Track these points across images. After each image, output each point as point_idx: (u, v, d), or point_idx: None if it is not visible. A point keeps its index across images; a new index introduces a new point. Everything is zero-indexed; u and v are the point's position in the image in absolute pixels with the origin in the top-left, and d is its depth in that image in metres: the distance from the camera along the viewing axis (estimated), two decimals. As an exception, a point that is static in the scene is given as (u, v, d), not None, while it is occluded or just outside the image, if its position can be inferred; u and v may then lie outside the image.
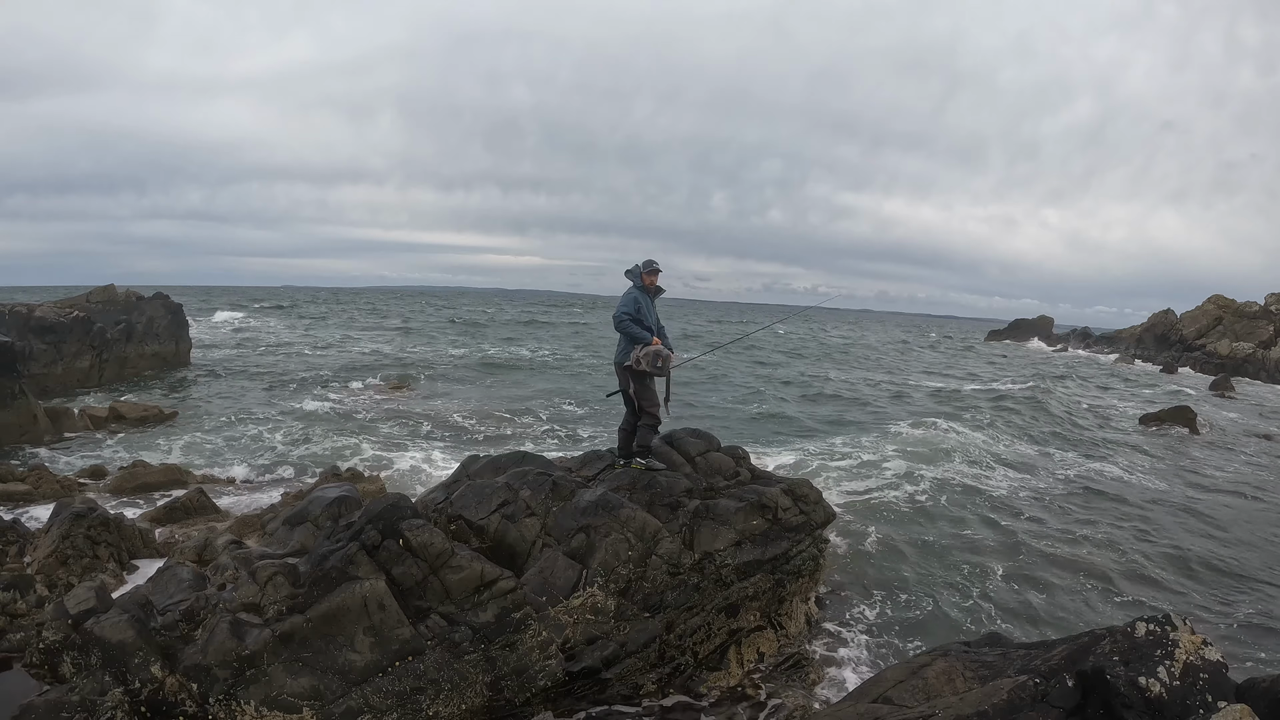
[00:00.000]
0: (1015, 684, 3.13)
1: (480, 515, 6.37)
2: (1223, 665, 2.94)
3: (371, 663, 4.58)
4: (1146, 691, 2.79)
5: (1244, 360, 41.45)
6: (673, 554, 5.99)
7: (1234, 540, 10.79)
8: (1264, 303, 47.40)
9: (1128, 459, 15.40)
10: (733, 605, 6.30)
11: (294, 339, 37.11)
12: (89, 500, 8.36)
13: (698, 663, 6.01)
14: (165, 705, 4.27)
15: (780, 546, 6.65)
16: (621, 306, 6.59)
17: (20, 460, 11.78)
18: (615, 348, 6.84)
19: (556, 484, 6.62)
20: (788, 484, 7.28)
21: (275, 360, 27.16)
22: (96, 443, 13.61)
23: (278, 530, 7.69)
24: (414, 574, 5.03)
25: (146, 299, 23.54)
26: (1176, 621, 3.07)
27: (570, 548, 5.98)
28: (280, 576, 4.89)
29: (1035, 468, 14.36)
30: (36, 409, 14.02)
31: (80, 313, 20.43)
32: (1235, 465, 16.21)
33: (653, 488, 6.56)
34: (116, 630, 4.43)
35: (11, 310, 19.37)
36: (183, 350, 24.44)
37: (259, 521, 8.67)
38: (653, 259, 6.80)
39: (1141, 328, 52.81)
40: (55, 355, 19.21)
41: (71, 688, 4.24)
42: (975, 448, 16.14)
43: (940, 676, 3.94)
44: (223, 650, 4.43)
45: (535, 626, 5.12)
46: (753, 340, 41.89)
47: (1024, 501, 11.81)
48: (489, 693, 4.82)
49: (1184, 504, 12.39)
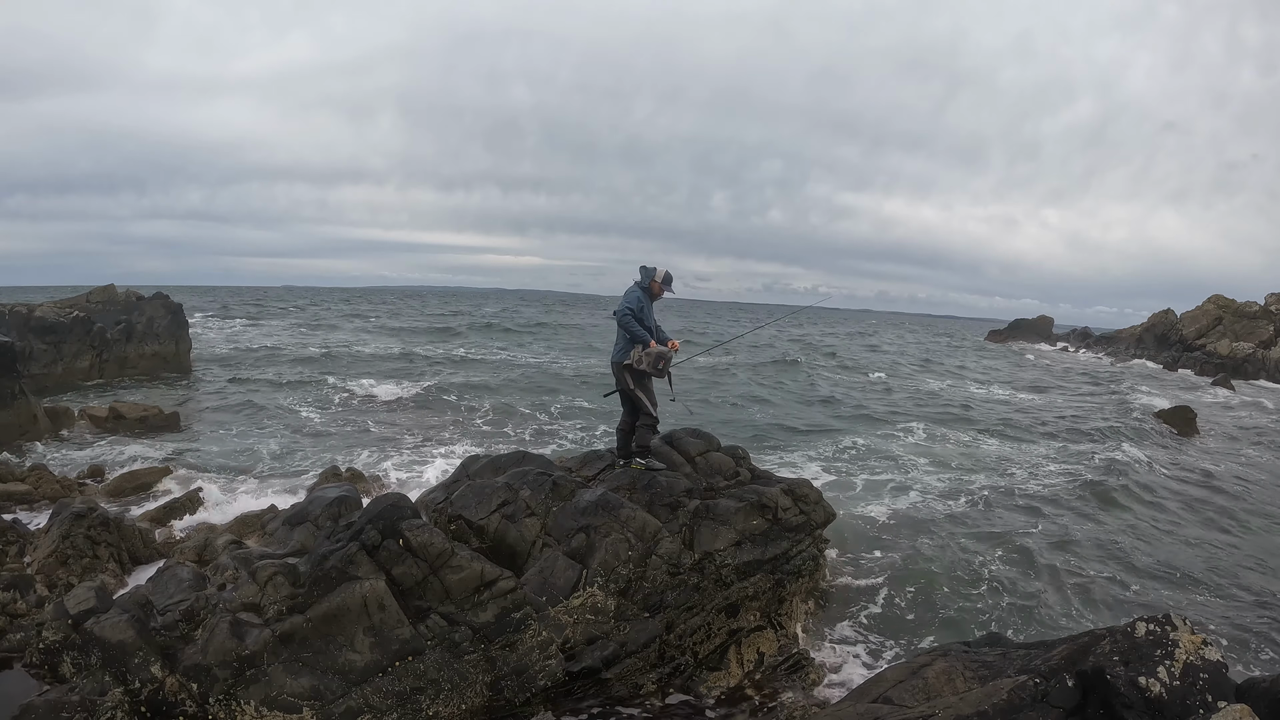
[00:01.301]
0: (1015, 684, 3.13)
1: (480, 515, 6.38)
2: (1223, 665, 2.94)
3: (371, 663, 4.58)
4: (1146, 691, 2.79)
5: (1244, 360, 41.42)
6: (673, 554, 5.99)
7: (1234, 540, 10.79)
8: (1264, 303, 47.38)
9: (1127, 458, 15.40)
10: (733, 605, 6.30)
11: (294, 339, 37.09)
12: (89, 500, 8.37)
13: (698, 663, 6.01)
14: (165, 705, 4.27)
15: (780, 546, 6.66)
16: (625, 302, 6.67)
17: (20, 460, 11.77)
18: (613, 346, 6.90)
19: (556, 484, 6.63)
20: (788, 484, 7.29)
21: (275, 360, 27.16)
22: (96, 443, 13.60)
23: (278, 530, 7.70)
24: (414, 574, 5.03)
25: (146, 299, 23.52)
26: (1176, 621, 3.07)
27: (570, 548, 5.98)
28: (280, 576, 4.89)
29: (1036, 467, 14.36)
30: (36, 409, 14.02)
31: (80, 313, 20.43)
32: (1235, 465, 16.21)
33: (653, 488, 6.57)
34: (116, 630, 4.43)
35: (11, 310, 19.36)
36: (183, 350, 24.41)
37: (259, 521, 8.67)
38: (671, 274, 6.89)
39: (1141, 328, 52.77)
40: (55, 355, 19.20)
41: (71, 688, 4.24)
42: (976, 447, 16.15)
43: (940, 676, 3.94)
44: (223, 650, 4.43)
45: (535, 626, 5.12)
46: (781, 349, 41.59)
47: (1024, 501, 11.81)
48: (489, 693, 4.82)
49: (1183, 504, 12.39)
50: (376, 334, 42.31)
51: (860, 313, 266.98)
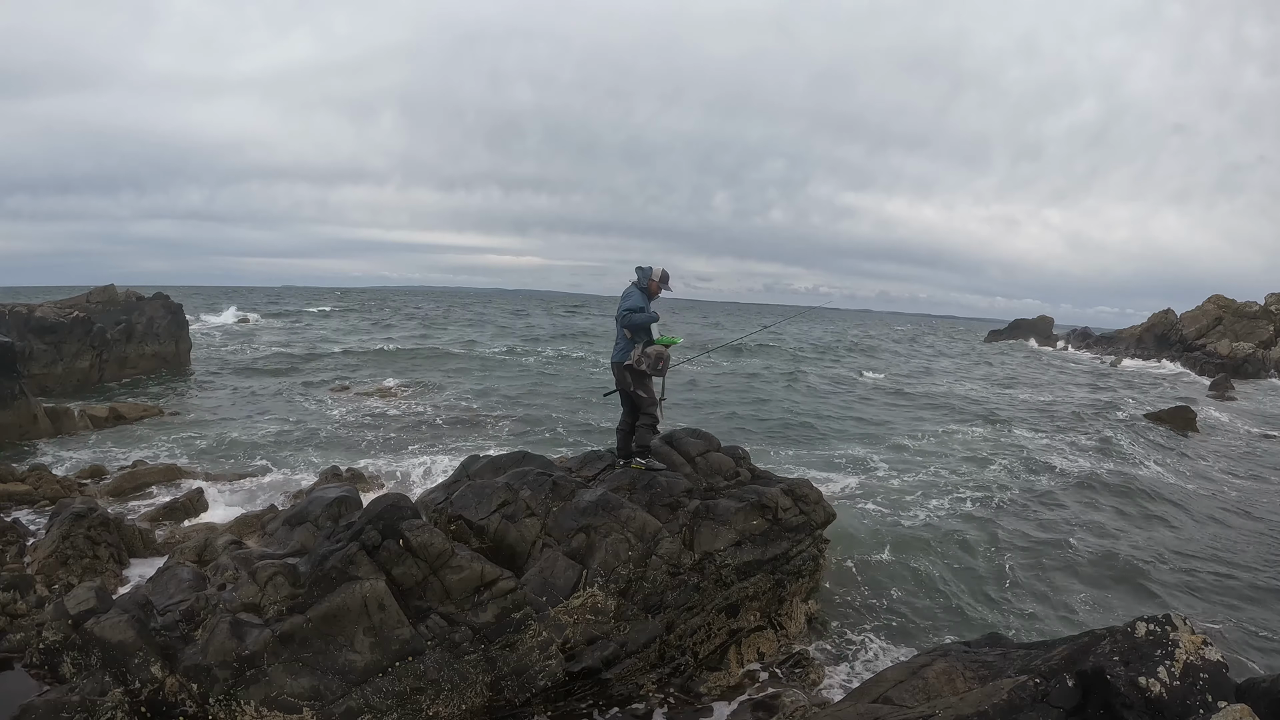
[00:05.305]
0: (1015, 684, 3.13)
1: (480, 515, 6.37)
2: (1223, 665, 2.94)
3: (371, 663, 4.58)
4: (1147, 691, 2.79)
5: (1244, 360, 41.43)
6: (673, 554, 5.99)
7: (1234, 540, 10.79)
8: (1264, 303, 47.38)
9: (1127, 459, 15.40)
10: (733, 605, 6.30)
11: (294, 339, 37.09)
12: (89, 500, 8.36)
13: (698, 663, 6.01)
14: (165, 705, 4.27)
15: (780, 546, 6.66)
16: (627, 304, 6.67)
17: (20, 460, 11.77)
18: (612, 347, 6.92)
19: (556, 484, 6.63)
20: (788, 484, 7.29)
21: (275, 360, 27.15)
22: (96, 443, 13.59)
23: (278, 530, 7.70)
24: (414, 574, 5.03)
25: (146, 299, 23.51)
26: (1177, 621, 3.07)
27: (570, 548, 5.98)
28: (280, 576, 4.89)
29: (1036, 467, 14.36)
30: (36, 409, 14.02)
31: (80, 313, 20.42)
32: (1235, 465, 16.21)
33: (653, 488, 6.57)
34: (116, 630, 4.43)
35: (11, 310, 19.35)
36: (183, 350, 24.40)
37: (259, 521, 8.67)
38: (667, 271, 6.90)
39: (1141, 328, 52.77)
40: (55, 355, 19.19)
41: (71, 688, 4.24)
42: (975, 447, 16.14)
43: (940, 676, 3.94)
44: (223, 650, 4.44)
45: (535, 627, 5.12)
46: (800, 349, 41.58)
47: (1023, 501, 11.81)
48: (489, 693, 4.82)
49: (1183, 504, 12.39)
50: (378, 333, 42.30)
51: (860, 313, 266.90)
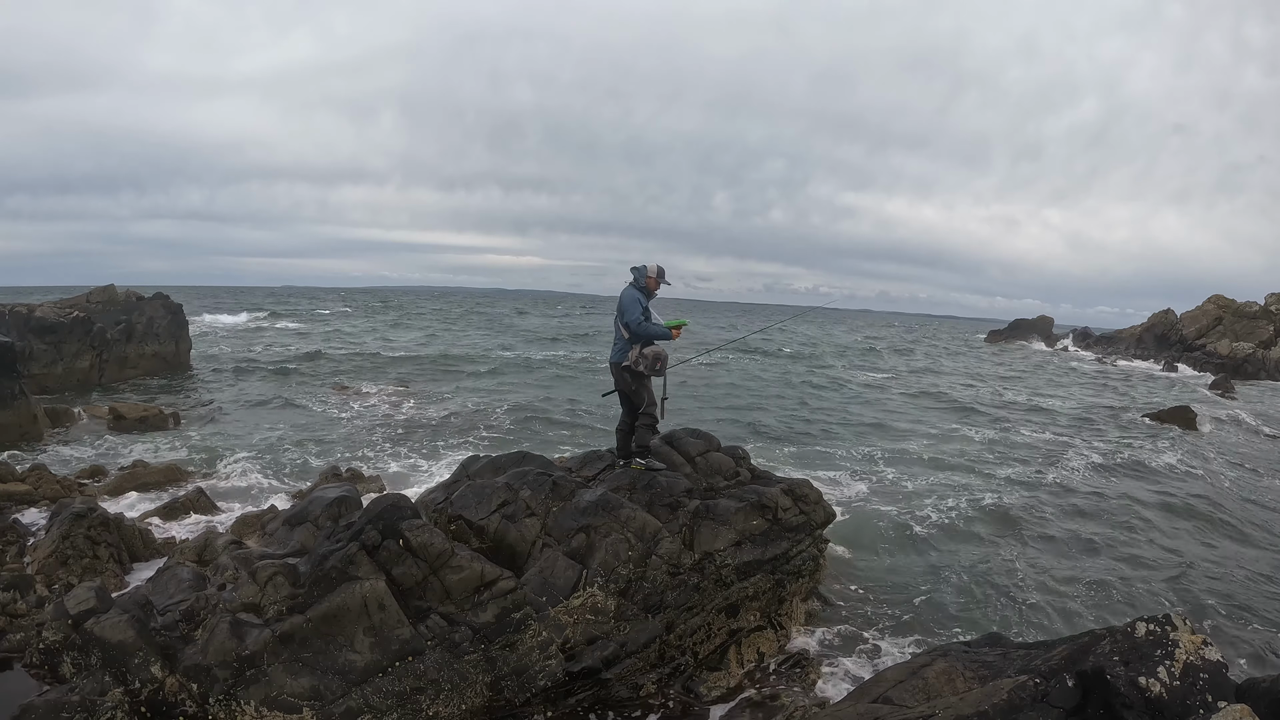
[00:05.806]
0: (1015, 684, 3.13)
1: (480, 515, 6.37)
2: (1223, 665, 2.94)
3: (371, 663, 4.58)
4: (1147, 691, 2.79)
5: (1244, 360, 41.43)
6: (673, 554, 5.99)
7: (1233, 540, 10.79)
8: (1264, 303, 47.36)
9: (1127, 459, 15.40)
10: (733, 605, 6.30)
11: (294, 339, 37.09)
12: (89, 500, 8.36)
13: (698, 663, 6.01)
14: (165, 705, 4.27)
15: (780, 546, 6.66)
16: (629, 312, 6.61)
17: (20, 460, 11.77)
18: (611, 347, 6.89)
19: (556, 484, 6.63)
20: (788, 484, 7.29)
21: (275, 360, 27.15)
22: (96, 443, 13.60)
23: (278, 530, 7.70)
24: (414, 574, 5.03)
25: (146, 299, 23.49)
26: (1177, 621, 3.07)
27: (570, 548, 5.98)
28: (280, 576, 4.89)
29: (1034, 467, 14.36)
30: (36, 409, 14.02)
31: (80, 313, 20.41)
32: (1234, 464, 16.20)
33: (653, 488, 6.57)
34: (116, 630, 4.43)
35: (11, 310, 19.35)
36: (183, 350, 24.39)
37: (259, 521, 8.67)
38: (662, 267, 6.87)
39: (1141, 328, 52.74)
40: (55, 355, 19.18)
41: (71, 688, 4.24)
42: (975, 447, 16.14)
43: (940, 676, 3.94)
44: (223, 650, 4.44)
45: (535, 626, 5.12)
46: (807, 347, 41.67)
47: (1024, 502, 11.81)
48: (489, 693, 4.82)
49: (1183, 504, 12.38)
50: (378, 333, 42.30)
51: (860, 313, 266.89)
